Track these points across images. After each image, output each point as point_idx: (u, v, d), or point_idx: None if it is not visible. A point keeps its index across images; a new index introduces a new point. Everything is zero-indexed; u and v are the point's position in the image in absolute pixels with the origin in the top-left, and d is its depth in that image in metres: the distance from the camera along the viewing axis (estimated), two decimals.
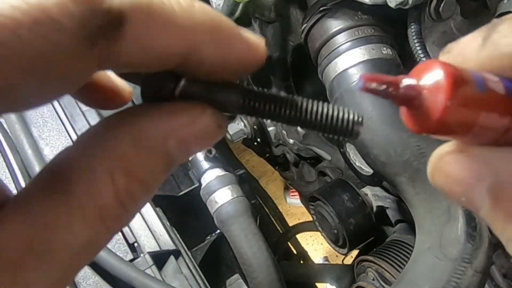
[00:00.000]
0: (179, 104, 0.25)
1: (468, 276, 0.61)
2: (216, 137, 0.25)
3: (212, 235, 1.18)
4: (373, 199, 1.01)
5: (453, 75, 0.23)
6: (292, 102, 0.26)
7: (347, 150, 1.05)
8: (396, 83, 0.24)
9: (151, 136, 0.23)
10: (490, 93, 0.24)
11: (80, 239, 0.21)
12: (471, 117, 0.24)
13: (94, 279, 0.81)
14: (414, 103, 0.25)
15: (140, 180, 0.22)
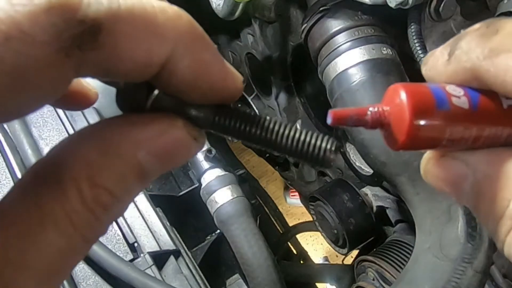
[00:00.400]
0: (149, 115, 0.24)
1: (468, 276, 0.61)
2: (191, 150, 0.26)
3: (212, 235, 1.18)
4: (373, 199, 1.01)
5: (413, 100, 0.25)
6: (266, 124, 0.26)
7: (347, 150, 1.05)
8: (363, 113, 0.26)
9: (118, 146, 0.23)
10: (453, 111, 0.26)
11: (54, 246, 0.21)
12: (436, 135, 0.26)
13: (94, 279, 0.81)
14: (383, 127, 0.27)
15: (107, 189, 0.22)
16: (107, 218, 0.23)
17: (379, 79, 0.74)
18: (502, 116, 0.26)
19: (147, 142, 0.24)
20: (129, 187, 0.24)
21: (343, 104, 0.77)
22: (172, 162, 0.25)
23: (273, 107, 1.28)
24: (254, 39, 1.19)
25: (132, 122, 0.24)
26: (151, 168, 0.24)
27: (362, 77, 0.75)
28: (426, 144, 0.26)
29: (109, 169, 0.23)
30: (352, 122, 0.26)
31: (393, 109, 0.26)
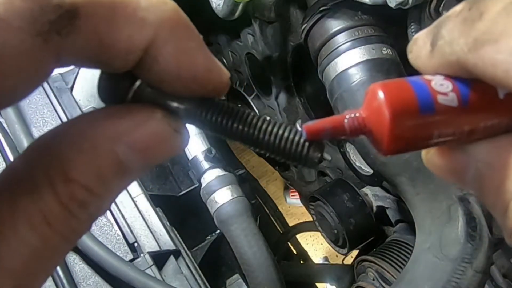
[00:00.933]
0: (127, 107, 0.23)
1: (468, 276, 0.61)
2: (173, 143, 0.24)
3: (212, 235, 1.18)
4: (373, 199, 1.01)
5: (392, 105, 0.23)
6: (251, 120, 0.24)
7: (347, 150, 1.05)
8: (339, 123, 0.25)
9: (93, 140, 0.22)
10: (440, 111, 0.23)
11: (29, 245, 0.20)
12: (423, 139, 0.24)
13: (94, 279, 0.81)
14: (365, 134, 0.25)
15: (83, 185, 0.21)
16: (86, 216, 0.22)
17: (379, 79, 0.74)
18: (498, 107, 0.24)
19: (124, 135, 0.22)
20: (108, 183, 0.22)
21: (343, 104, 0.77)
22: (154, 156, 0.24)
23: (273, 107, 1.28)
24: (254, 39, 1.19)
25: (108, 114, 0.23)
26: (131, 163, 0.23)
27: (362, 77, 0.75)
28: (414, 148, 0.24)
29: (85, 164, 0.21)
30: (329, 134, 0.25)
31: (371, 115, 0.24)
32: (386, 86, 0.24)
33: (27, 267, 0.21)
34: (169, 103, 0.24)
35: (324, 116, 0.25)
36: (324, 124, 0.24)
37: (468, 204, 0.65)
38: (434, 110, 0.23)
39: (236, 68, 1.40)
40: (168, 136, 0.24)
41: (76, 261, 0.83)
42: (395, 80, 0.24)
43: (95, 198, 0.22)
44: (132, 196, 0.94)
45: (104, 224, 0.88)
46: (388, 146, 0.23)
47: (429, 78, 0.24)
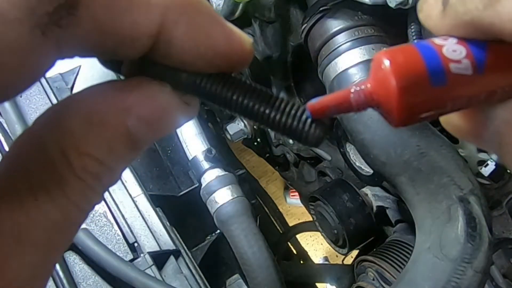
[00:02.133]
0: (136, 80, 0.23)
1: (468, 276, 0.61)
2: (184, 114, 0.24)
3: (212, 235, 1.18)
4: (373, 199, 1.01)
5: (400, 78, 0.21)
6: (254, 93, 0.24)
7: (347, 150, 1.05)
8: (345, 99, 0.23)
9: (104, 114, 0.22)
10: (453, 82, 0.21)
11: (50, 217, 0.21)
12: (436, 110, 0.22)
13: (94, 279, 0.81)
14: (373, 107, 0.23)
15: (96, 158, 0.22)
16: (100, 187, 0.23)
17: None
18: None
19: (135, 108, 0.22)
20: (119, 155, 0.23)
21: None
22: (164, 128, 0.24)
23: None
24: (254, 39, 1.19)
25: (118, 87, 0.23)
26: (141, 135, 0.23)
27: (362, 77, 0.75)
28: (426, 118, 0.23)
29: (96, 138, 0.21)
30: (335, 111, 0.23)
31: (378, 87, 0.22)
32: (393, 54, 0.22)
33: (49, 240, 0.21)
34: (175, 76, 0.23)
35: None
36: (329, 100, 0.23)
37: (468, 204, 0.65)
38: (446, 81, 0.21)
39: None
40: (178, 108, 0.23)
41: (76, 261, 0.83)
42: (403, 46, 0.22)
43: (107, 169, 0.22)
44: (132, 196, 0.94)
45: (104, 224, 0.88)
46: (398, 118, 0.22)
47: (440, 43, 0.22)
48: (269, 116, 0.23)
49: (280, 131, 0.24)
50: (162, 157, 1.25)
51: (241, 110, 0.24)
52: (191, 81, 0.23)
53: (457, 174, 0.68)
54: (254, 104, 0.23)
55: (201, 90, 0.24)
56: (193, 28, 0.22)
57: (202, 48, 0.22)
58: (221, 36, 0.23)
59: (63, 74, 1.13)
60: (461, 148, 0.82)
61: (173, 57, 0.22)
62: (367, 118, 0.73)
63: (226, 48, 0.23)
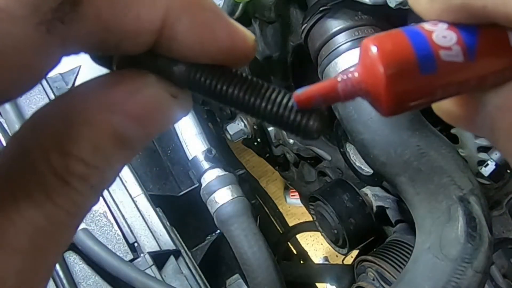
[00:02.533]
0: (119, 74, 0.22)
1: (468, 276, 0.61)
2: (172, 109, 0.23)
3: (212, 235, 1.18)
4: (373, 199, 1.01)
5: (388, 66, 0.20)
6: (246, 84, 0.23)
7: (347, 150, 1.05)
8: (332, 88, 0.22)
9: (86, 112, 0.21)
10: (443, 69, 0.20)
11: (33, 223, 0.20)
12: (426, 98, 0.22)
13: (94, 279, 0.81)
14: (362, 96, 0.22)
15: (80, 158, 0.21)
16: (89, 189, 0.21)
17: None
18: (510, 58, 0.21)
19: (118, 105, 0.21)
20: (107, 155, 0.21)
21: (343, 104, 0.77)
22: (153, 125, 0.23)
23: None
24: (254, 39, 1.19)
25: (100, 84, 0.22)
26: (130, 133, 0.22)
27: None
28: (416, 107, 0.22)
29: (79, 137, 0.21)
30: (322, 101, 0.22)
31: (366, 75, 0.21)
32: (380, 40, 0.21)
33: (35, 245, 0.20)
34: (162, 67, 0.23)
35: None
36: (315, 90, 0.22)
37: (468, 204, 0.65)
38: (436, 69, 0.20)
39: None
40: (166, 102, 0.23)
41: (76, 261, 0.83)
42: (391, 32, 0.21)
43: (94, 171, 0.21)
44: (132, 196, 0.94)
45: (104, 224, 0.88)
46: (387, 107, 0.21)
47: (430, 28, 0.21)
48: (265, 109, 0.23)
49: (276, 124, 0.23)
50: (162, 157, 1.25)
51: (233, 104, 0.23)
52: (182, 72, 0.23)
53: (457, 174, 0.68)
54: (246, 97, 0.22)
55: (193, 82, 0.23)
56: (197, 24, 0.22)
57: (206, 44, 0.22)
58: (225, 32, 0.23)
59: (63, 74, 1.13)
60: (461, 148, 0.82)
61: (176, 53, 0.22)
62: (367, 118, 0.73)
63: (229, 44, 0.23)
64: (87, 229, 0.83)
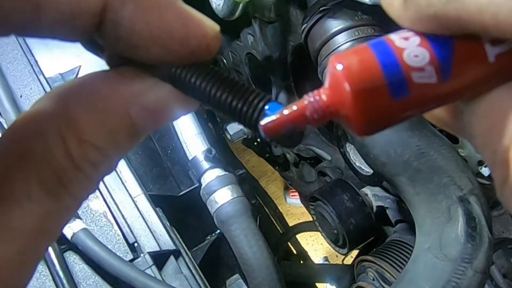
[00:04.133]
0: (136, 70, 0.23)
1: (468, 276, 0.61)
2: (182, 105, 0.23)
3: (212, 235, 1.18)
4: (373, 199, 1.01)
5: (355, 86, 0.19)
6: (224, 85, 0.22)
7: (347, 150, 1.05)
8: (301, 113, 0.21)
9: (108, 101, 0.21)
10: (415, 92, 0.19)
11: (42, 206, 0.20)
12: (399, 119, 0.20)
13: (94, 279, 0.81)
14: (333, 117, 0.21)
15: (96, 146, 0.21)
16: (97, 176, 0.22)
17: None
18: (487, 73, 0.20)
19: (138, 97, 0.22)
20: (120, 144, 0.22)
21: None
22: (164, 118, 0.23)
23: None
24: (254, 39, 1.19)
25: (121, 76, 0.22)
26: (142, 125, 0.22)
27: None
28: (391, 125, 0.21)
29: (98, 125, 0.21)
30: (291, 129, 0.21)
31: (334, 95, 0.20)
32: (347, 59, 0.20)
33: (40, 228, 0.20)
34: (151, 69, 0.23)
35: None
36: (282, 119, 0.21)
37: (468, 204, 0.65)
38: (408, 92, 0.19)
39: (236, 68, 1.40)
40: (178, 99, 0.23)
41: (76, 261, 0.83)
42: (359, 49, 0.20)
43: (106, 158, 0.22)
44: (132, 196, 0.94)
45: (104, 224, 0.88)
46: (359, 128, 0.20)
47: (401, 45, 0.20)
48: (240, 112, 0.22)
49: (252, 128, 0.22)
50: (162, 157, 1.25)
51: (217, 105, 0.22)
52: (166, 70, 0.23)
53: (457, 174, 0.68)
54: (223, 98, 0.22)
55: (176, 80, 0.23)
56: (143, 8, 0.21)
57: (154, 30, 0.21)
58: (175, 18, 0.21)
59: (63, 74, 1.13)
60: (461, 148, 0.82)
61: (124, 40, 0.21)
62: None
63: (182, 32, 0.21)
64: (87, 229, 0.83)
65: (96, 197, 0.91)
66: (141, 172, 1.16)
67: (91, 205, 0.90)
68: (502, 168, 0.19)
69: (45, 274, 0.79)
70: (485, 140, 0.20)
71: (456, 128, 0.24)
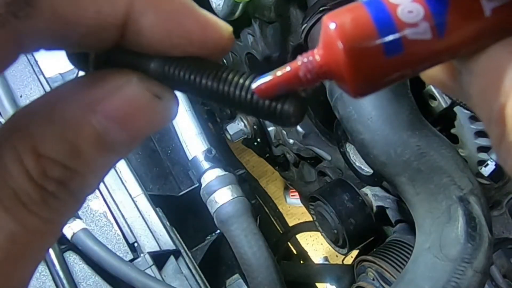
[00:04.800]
0: (100, 74, 0.21)
1: (468, 276, 0.61)
2: (155, 110, 0.21)
3: (212, 235, 1.18)
4: (373, 199, 1.01)
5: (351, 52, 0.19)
6: (221, 76, 0.21)
7: (347, 150, 1.05)
8: (294, 74, 0.20)
9: (64, 111, 0.20)
10: (410, 49, 0.19)
11: (5, 230, 0.19)
12: (394, 78, 0.20)
13: (94, 279, 0.81)
14: (327, 78, 0.20)
15: (57, 162, 0.19)
16: (68, 195, 0.20)
17: None
18: (483, 29, 0.19)
19: (97, 104, 0.20)
20: (87, 158, 0.20)
21: (343, 104, 0.77)
22: (136, 127, 0.21)
23: None
24: (254, 39, 1.19)
25: (80, 83, 0.21)
26: (112, 135, 0.20)
27: None
28: (385, 86, 0.20)
29: (55, 138, 0.19)
30: (284, 89, 0.20)
31: (327, 55, 0.20)
32: (339, 17, 0.19)
33: (7, 254, 0.19)
34: (135, 64, 0.22)
35: (324, 116, 0.23)
36: (275, 80, 0.20)
37: (468, 204, 0.65)
38: (403, 49, 0.19)
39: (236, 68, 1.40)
40: (148, 103, 0.21)
41: (76, 261, 0.83)
42: (352, 7, 0.20)
43: (74, 175, 0.20)
44: (132, 196, 0.94)
45: (104, 224, 0.88)
46: (354, 89, 0.20)
47: (395, 2, 0.19)
48: (235, 97, 0.21)
49: (251, 112, 0.22)
50: (162, 157, 1.25)
51: (211, 95, 0.22)
52: (160, 67, 0.22)
53: (457, 174, 0.68)
54: (222, 86, 0.21)
55: (169, 77, 0.22)
56: (163, 17, 0.21)
57: (175, 37, 0.21)
58: (194, 24, 0.22)
59: (63, 74, 1.13)
60: (461, 148, 0.82)
61: (146, 48, 0.21)
62: (367, 118, 0.73)
63: (201, 36, 0.22)
64: (87, 229, 0.83)
65: (96, 197, 0.91)
66: (141, 172, 1.16)
67: (91, 205, 0.90)
68: (498, 125, 0.19)
69: (45, 274, 0.79)
70: (482, 98, 0.20)
71: (454, 89, 0.24)
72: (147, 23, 0.21)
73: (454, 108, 0.79)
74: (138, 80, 0.21)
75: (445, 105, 0.78)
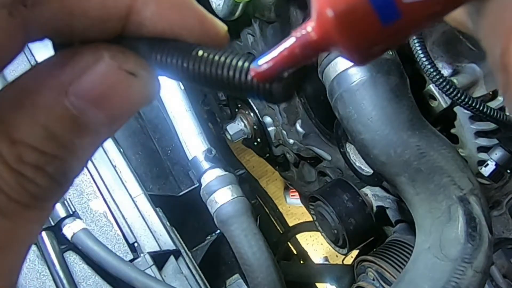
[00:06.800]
0: (70, 53, 0.20)
1: (468, 276, 0.61)
2: (132, 87, 0.20)
3: (212, 235, 1.18)
4: (373, 199, 1.01)
5: (345, 25, 0.18)
6: (200, 54, 0.21)
7: (347, 150, 1.05)
8: (292, 52, 0.20)
9: (35, 94, 0.19)
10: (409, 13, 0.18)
11: None
12: (395, 42, 0.19)
13: (94, 279, 0.81)
14: (326, 50, 0.20)
15: (32, 146, 0.19)
16: (47, 180, 0.19)
17: (379, 79, 0.74)
18: None
19: (69, 84, 0.19)
20: (64, 142, 0.19)
21: (343, 104, 0.77)
22: (114, 106, 0.20)
23: (273, 107, 1.28)
24: (254, 39, 1.19)
25: (51, 64, 0.20)
26: (88, 116, 0.19)
27: (362, 77, 0.75)
28: (390, 48, 0.20)
29: (28, 123, 0.19)
30: (282, 69, 0.20)
31: (322, 29, 0.19)
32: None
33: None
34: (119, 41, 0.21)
35: (324, 116, 0.22)
36: (276, 61, 0.20)
37: (468, 204, 0.65)
38: (401, 16, 0.18)
39: None
40: (121, 80, 0.20)
41: (76, 261, 0.83)
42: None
43: (51, 159, 0.19)
44: (132, 196, 0.94)
45: (104, 224, 0.88)
46: (355, 58, 0.19)
47: None
48: (223, 77, 0.21)
49: (238, 91, 0.21)
50: (162, 157, 1.25)
51: (199, 78, 0.21)
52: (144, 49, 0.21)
53: (457, 174, 0.68)
54: (203, 67, 0.21)
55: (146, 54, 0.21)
56: (164, 9, 0.21)
57: (176, 30, 0.21)
58: (194, 17, 0.22)
59: None
60: (461, 148, 0.82)
61: (145, 35, 0.22)
62: (367, 118, 0.73)
63: (200, 31, 0.22)
64: (87, 229, 0.83)
65: (96, 197, 0.91)
66: (141, 172, 1.16)
67: (91, 205, 0.90)
68: (502, 73, 0.17)
69: (45, 274, 0.79)
70: (488, 42, 0.19)
71: (466, 26, 0.22)
72: (149, 15, 0.21)
73: (454, 108, 0.79)
74: (110, 57, 0.20)
75: (445, 105, 0.78)
